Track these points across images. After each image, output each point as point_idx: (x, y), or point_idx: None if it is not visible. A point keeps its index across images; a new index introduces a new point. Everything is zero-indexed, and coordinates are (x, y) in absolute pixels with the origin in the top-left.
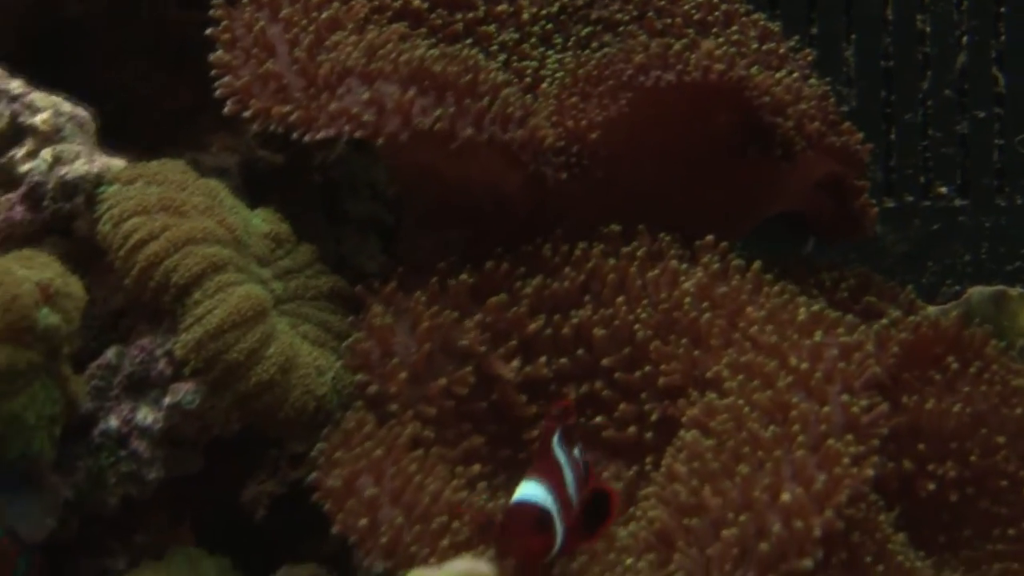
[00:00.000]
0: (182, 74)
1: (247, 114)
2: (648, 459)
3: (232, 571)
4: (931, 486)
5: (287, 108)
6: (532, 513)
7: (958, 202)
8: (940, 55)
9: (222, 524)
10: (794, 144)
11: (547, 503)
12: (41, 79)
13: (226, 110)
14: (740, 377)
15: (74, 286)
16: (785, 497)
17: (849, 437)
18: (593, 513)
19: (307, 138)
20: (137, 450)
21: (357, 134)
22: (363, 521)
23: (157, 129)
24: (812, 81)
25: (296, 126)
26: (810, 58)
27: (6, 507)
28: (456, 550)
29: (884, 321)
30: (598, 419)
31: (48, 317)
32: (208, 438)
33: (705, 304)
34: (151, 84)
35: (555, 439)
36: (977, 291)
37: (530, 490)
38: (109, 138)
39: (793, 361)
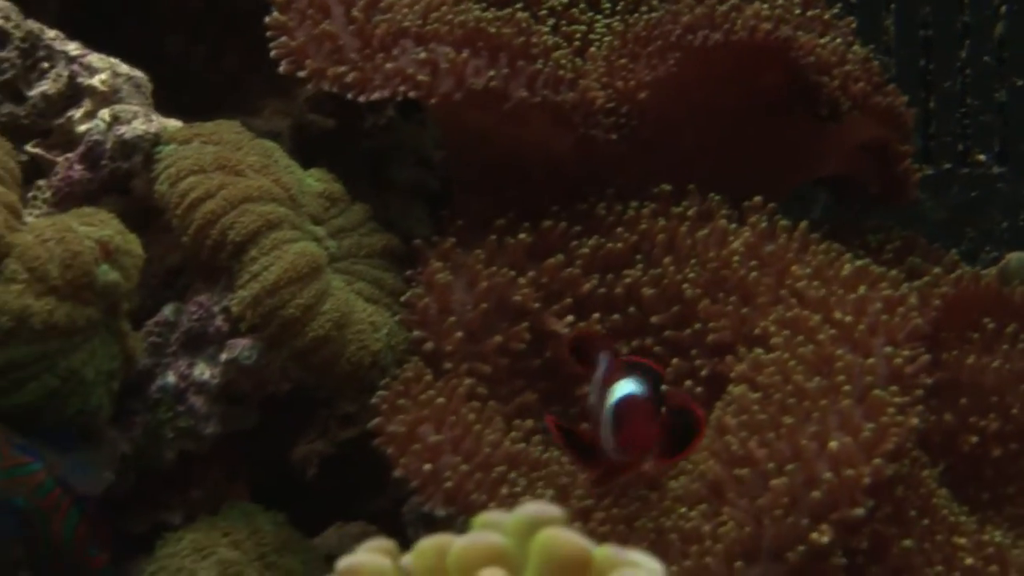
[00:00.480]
0: (231, 40)
1: (302, 74)
2: None
3: (287, 527)
4: (974, 439)
5: (342, 69)
6: (646, 405)
7: (996, 169)
8: (979, 23)
9: (273, 482)
10: (840, 104)
11: (650, 395)
12: (89, 46)
13: (281, 70)
14: (786, 332)
15: (133, 243)
16: (833, 446)
17: (894, 388)
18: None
19: (362, 99)
20: (194, 405)
21: (411, 94)
22: (427, 466)
23: (207, 95)
24: (855, 47)
25: (351, 87)
26: (853, 25)
27: (64, 461)
28: (515, 499)
29: (927, 278)
30: None
31: (108, 274)
32: (263, 394)
33: (753, 263)
34: (200, 50)
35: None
36: (1015, 257)
37: (631, 387)
38: (159, 104)
39: (837, 315)
